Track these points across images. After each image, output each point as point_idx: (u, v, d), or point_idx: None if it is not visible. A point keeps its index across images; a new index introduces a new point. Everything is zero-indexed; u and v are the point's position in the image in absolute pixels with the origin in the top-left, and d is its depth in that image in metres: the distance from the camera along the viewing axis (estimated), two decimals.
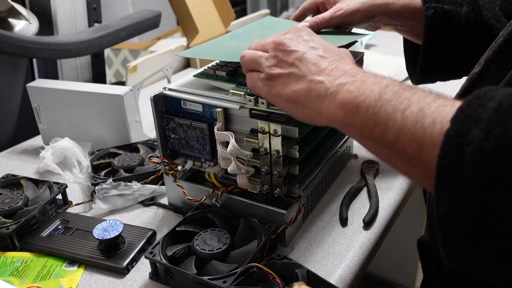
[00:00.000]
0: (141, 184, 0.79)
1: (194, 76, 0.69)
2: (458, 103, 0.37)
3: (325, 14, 0.73)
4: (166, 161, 0.71)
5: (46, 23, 1.23)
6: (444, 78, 0.78)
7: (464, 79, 0.60)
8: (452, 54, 0.71)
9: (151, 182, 0.80)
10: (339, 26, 0.75)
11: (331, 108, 0.47)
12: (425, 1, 0.70)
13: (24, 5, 1.22)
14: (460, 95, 0.59)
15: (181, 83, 0.69)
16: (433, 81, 0.78)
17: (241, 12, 3.33)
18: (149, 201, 0.79)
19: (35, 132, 1.05)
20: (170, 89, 0.68)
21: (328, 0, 0.75)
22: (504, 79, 0.51)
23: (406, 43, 0.80)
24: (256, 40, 0.70)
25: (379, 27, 0.78)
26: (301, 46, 0.53)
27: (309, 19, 0.74)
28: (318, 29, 0.74)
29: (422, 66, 0.74)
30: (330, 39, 0.72)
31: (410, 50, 0.79)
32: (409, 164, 0.40)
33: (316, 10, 0.79)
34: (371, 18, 0.73)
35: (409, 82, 1.27)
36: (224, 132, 0.63)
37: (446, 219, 0.35)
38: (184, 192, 0.70)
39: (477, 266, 0.36)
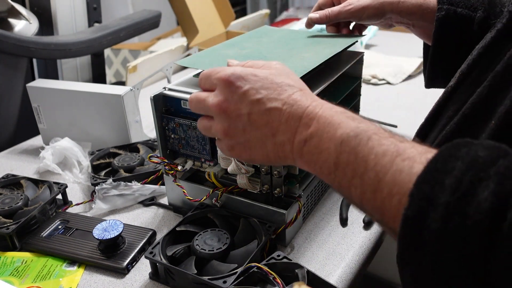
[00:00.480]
0: (141, 184, 0.79)
1: (194, 76, 0.69)
2: (416, 167, 0.35)
3: (335, 8, 0.73)
4: (166, 161, 0.71)
5: (46, 23, 1.23)
6: None
7: None
8: (462, 59, 0.70)
9: (151, 182, 0.80)
10: (349, 22, 0.75)
11: (301, 165, 0.46)
12: (438, 2, 0.68)
13: (24, 5, 1.22)
14: (435, 110, 0.58)
15: (181, 83, 0.69)
16: (442, 86, 0.75)
17: (241, 12, 3.33)
18: (149, 201, 0.79)
19: (35, 132, 1.05)
20: (170, 89, 0.68)
21: None
22: (472, 97, 0.50)
23: (425, 46, 0.78)
24: (252, 47, 0.70)
25: (393, 25, 0.77)
26: (243, 105, 0.47)
27: (320, 12, 0.75)
28: (327, 22, 0.75)
29: (431, 70, 0.73)
30: (328, 43, 0.73)
31: (426, 53, 0.77)
32: (382, 226, 0.40)
33: (331, 5, 0.78)
34: (381, 15, 0.72)
35: (408, 82, 1.27)
36: None
37: None
38: (184, 192, 0.70)
39: None
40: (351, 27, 0.81)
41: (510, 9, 0.53)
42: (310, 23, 0.78)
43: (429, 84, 0.77)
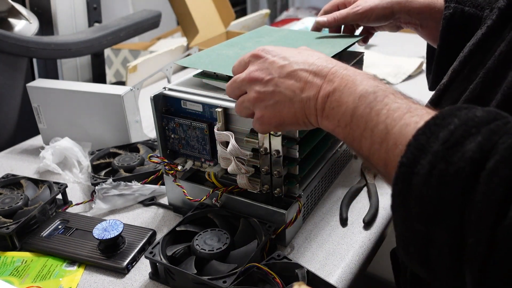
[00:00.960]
0: (141, 184, 0.79)
1: (194, 76, 0.69)
2: (421, 123, 0.37)
3: (343, 11, 0.73)
4: (166, 161, 0.71)
5: (46, 23, 1.23)
6: None
7: None
8: None
9: (151, 182, 0.80)
10: (358, 24, 0.74)
11: (322, 122, 0.49)
12: (446, 1, 0.68)
13: (24, 5, 1.22)
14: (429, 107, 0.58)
15: (181, 83, 0.69)
16: None
17: (241, 12, 3.33)
18: (149, 201, 0.79)
19: (35, 132, 1.05)
20: (170, 89, 0.68)
21: (348, 0, 0.75)
22: (465, 93, 0.51)
23: (429, 49, 0.78)
24: (253, 47, 0.70)
25: (401, 27, 0.77)
26: (273, 70, 0.51)
27: (327, 15, 0.75)
28: (335, 25, 0.75)
29: (436, 69, 0.72)
30: (328, 43, 0.73)
31: (430, 56, 0.77)
32: (384, 178, 0.43)
33: (337, 10, 0.78)
34: (390, 16, 0.72)
35: (408, 82, 1.27)
36: (224, 132, 0.63)
37: (399, 241, 0.37)
38: (184, 192, 0.70)
39: (430, 279, 0.37)
40: (358, 32, 0.80)
41: (499, 5, 0.54)
42: (317, 28, 0.78)
43: (434, 85, 0.76)
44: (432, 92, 0.79)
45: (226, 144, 0.63)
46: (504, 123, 0.34)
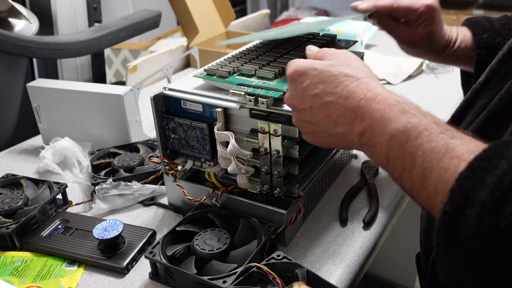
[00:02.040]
0: (141, 184, 0.79)
1: (194, 76, 0.69)
2: (462, 166, 0.35)
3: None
4: (166, 161, 0.71)
5: (46, 23, 1.23)
6: None
7: None
8: None
9: (151, 182, 0.80)
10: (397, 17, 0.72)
11: (364, 152, 0.48)
12: (476, 47, 0.69)
13: (24, 4, 1.22)
14: (462, 107, 0.58)
15: (181, 83, 0.69)
16: None
17: (241, 12, 3.33)
18: (149, 201, 0.79)
19: (35, 132, 1.05)
20: (170, 89, 0.68)
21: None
22: (500, 93, 0.50)
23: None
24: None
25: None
26: (305, 100, 0.50)
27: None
28: (372, 8, 0.70)
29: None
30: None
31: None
32: (434, 220, 0.40)
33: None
34: (431, 10, 0.69)
35: (408, 82, 1.27)
36: (224, 132, 0.63)
37: (445, 282, 0.36)
38: (184, 192, 0.70)
39: None
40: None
41: None
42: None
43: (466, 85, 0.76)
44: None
45: (226, 144, 0.63)
46: None
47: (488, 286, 0.32)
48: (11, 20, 1.07)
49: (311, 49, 0.57)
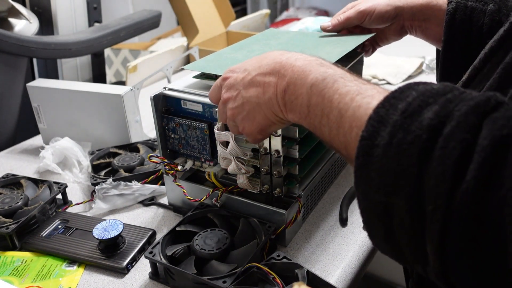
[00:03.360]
0: (141, 184, 0.79)
1: (194, 77, 0.69)
2: (373, 103, 0.38)
3: (345, 13, 0.74)
4: (166, 161, 0.71)
5: (46, 23, 1.23)
6: None
7: None
8: (474, 54, 0.67)
9: (151, 182, 0.80)
10: (360, 25, 0.75)
11: (288, 116, 0.50)
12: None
13: (24, 4, 1.22)
14: None
15: (181, 83, 0.69)
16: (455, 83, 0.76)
17: (241, 12, 3.33)
18: (149, 201, 0.79)
19: (35, 131, 1.05)
20: (170, 89, 0.68)
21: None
22: (482, 90, 0.51)
23: (438, 52, 0.77)
24: (260, 49, 0.72)
25: (404, 31, 0.77)
26: (238, 85, 0.53)
27: (331, 19, 0.76)
28: (340, 28, 0.76)
29: (443, 68, 0.71)
30: (338, 42, 0.72)
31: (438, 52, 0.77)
32: (347, 161, 0.44)
33: None
34: (392, 14, 0.72)
35: (409, 82, 1.27)
36: (224, 132, 0.63)
37: (363, 217, 0.38)
38: (184, 192, 0.70)
39: (395, 257, 0.38)
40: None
41: None
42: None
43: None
44: None
45: (226, 144, 0.63)
46: (460, 93, 0.35)
47: (397, 204, 0.34)
48: (11, 20, 1.07)
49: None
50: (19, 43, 0.99)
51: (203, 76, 0.68)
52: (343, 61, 0.74)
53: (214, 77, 0.66)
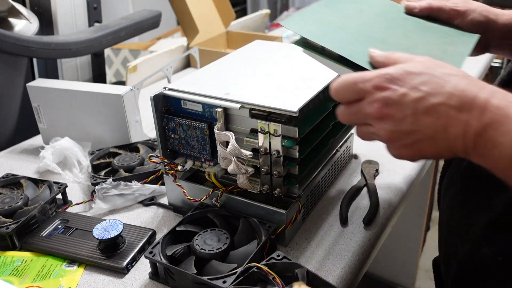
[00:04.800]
0: (141, 184, 0.79)
1: (294, 43, 0.57)
2: None
3: (439, 2, 0.64)
4: (166, 161, 0.71)
5: (46, 23, 1.23)
6: None
7: None
8: None
9: (151, 182, 0.80)
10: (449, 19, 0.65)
11: (473, 159, 0.44)
12: None
13: (24, 4, 1.22)
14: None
15: (181, 83, 0.69)
16: None
17: (241, 12, 3.33)
18: (149, 201, 0.79)
19: (35, 131, 1.05)
20: (170, 89, 0.68)
21: None
22: None
23: None
24: (355, 15, 0.60)
25: (487, 49, 0.67)
26: (405, 106, 0.44)
27: (420, 1, 0.65)
28: (427, 14, 0.65)
29: None
30: (448, 38, 0.61)
31: None
32: None
33: None
34: (485, 25, 0.63)
35: None
36: (224, 132, 0.63)
37: None
38: (184, 192, 0.70)
39: None
40: None
41: None
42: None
43: None
44: None
45: (226, 144, 0.63)
46: None
47: None
48: (11, 20, 1.07)
49: (375, 52, 0.51)
50: (19, 43, 0.99)
51: (306, 45, 0.56)
52: None
53: (321, 50, 0.55)
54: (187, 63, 1.50)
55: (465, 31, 0.63)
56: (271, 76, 0.70)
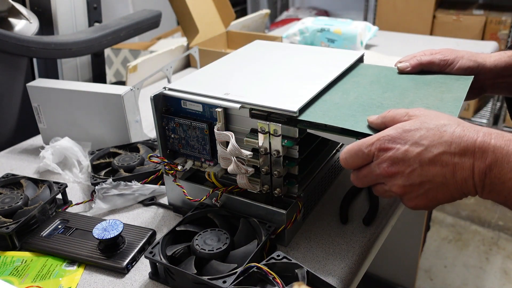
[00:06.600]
0: (141, 184, 0.79)
1: (297, 126, 0.60)
2: None
3: (427, 56, 0.69)
4: (166, 161, 0.71)
5: (46, 23, 1.23)
6: None
7: None
8: None
9: (151, 182, 0.80)
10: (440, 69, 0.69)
11: (485, 196, 0.47)
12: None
13: (24, 4, 1.22)
14: None
15: (181, 83, 0.69)
16: None
17: (241, 12, 3.33)
18: (149, 201, 0.79)
19: (35, 131, 1.05)
20: (170, 89, 0.68)
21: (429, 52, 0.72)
22: None
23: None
24: (355, 90, 0.65)
25: (484, 91, 0.72)
26: (411, 161, 0.48)
27: (410, 59, 0.71)
28: (419, 70, 0.70)
29: None
30: (443, 86, 0.65)
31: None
32: None
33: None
34: (474, 69, 0.67)
35: None
36: (224, 132, 0.63)
37: None
38: (184, 192, 0.70)
39: None
40: None
41: None
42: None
43: None
44: None
45: (226, 144, 0.63)
46: None
47: None
48: (11, 20, 1.07)
49: (372, 118, 0.55)
50: (19, 43, 0.99)
51: (311, 126, 0.61)
52: (342, 61, 0.74)
53: (323, 127, 0.60)
54: (187, 63, 1.50)
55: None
56: (271, 76, 0.70)
